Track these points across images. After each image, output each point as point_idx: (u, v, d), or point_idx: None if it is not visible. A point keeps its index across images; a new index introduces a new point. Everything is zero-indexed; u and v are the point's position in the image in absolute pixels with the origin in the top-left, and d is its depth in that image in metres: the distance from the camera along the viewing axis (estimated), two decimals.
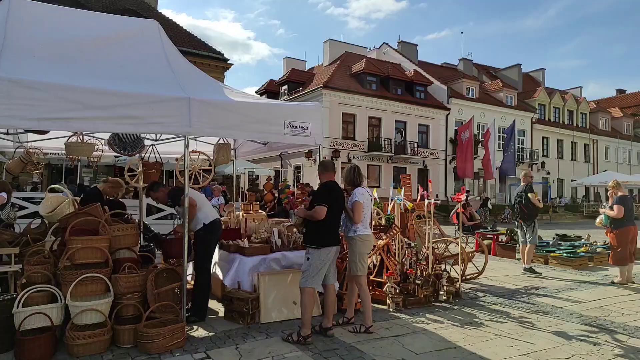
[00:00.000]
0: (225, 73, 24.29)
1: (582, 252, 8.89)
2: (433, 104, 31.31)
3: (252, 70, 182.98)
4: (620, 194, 7.09)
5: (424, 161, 30.46)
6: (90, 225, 4.25)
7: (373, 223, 7.08)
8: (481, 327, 4.61)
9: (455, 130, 31.48)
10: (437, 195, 28.68)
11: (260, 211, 6.64)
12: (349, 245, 4.47)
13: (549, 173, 35.90)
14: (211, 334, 4.27)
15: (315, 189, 5.08)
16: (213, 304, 5.15)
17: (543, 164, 35.68)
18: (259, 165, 24.11)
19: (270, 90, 34.05)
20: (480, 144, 29.50)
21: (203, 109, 4.15)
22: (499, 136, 31.93)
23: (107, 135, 6.08)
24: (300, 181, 25.34)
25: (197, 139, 6.36)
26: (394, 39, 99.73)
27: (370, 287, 5.74)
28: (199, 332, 4.31)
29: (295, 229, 5.39)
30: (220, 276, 5.16)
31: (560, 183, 36.50)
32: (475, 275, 7.18)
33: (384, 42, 36.96)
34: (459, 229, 6.71)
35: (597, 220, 7.48)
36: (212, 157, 5.89)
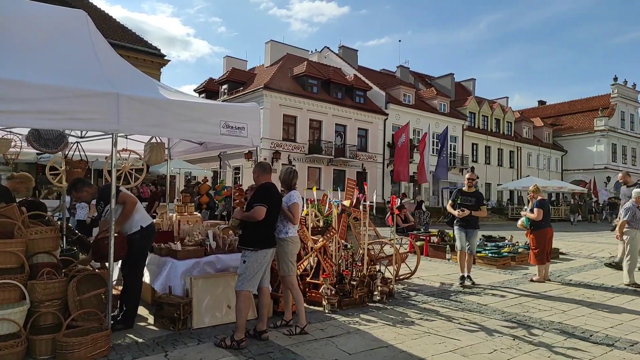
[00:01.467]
0: (161, 69, 23.46)
1: (506, 252, 9.48)
2: (372, 108, 32.10)
3: (191, 68, 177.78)
4: (539, 197, 7.64)
5: (362, 164, 31.12)
6: (5, 228, 3.91)
7: (311, 225, 7.15)
8: (412, 326, 4.77)
9: (392, 134, 32.49)
10: (374, 197, 29.47)
11: (195, 213, 6.45)
12: (280, 247, 4.46)
13: (477, 177, 37.99)
14: (139, 341, 4.07)
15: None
16: (142, 310, 4.92)
17: (472, 168, 37.67)
18: (197, 165, 23.48)
19: (209, 89, 33.28)
20: (415, 149, 30.69)
21: (133, 105, 3.95)
22: (433, 141, 33.35)
23: (26, 131, 5.63)
24: (239, 182, 24.98)
25: (129, 136, 6.06)
26: (335, 43, 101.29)
27: (307, 289, 5.78)
28: (126, 340, 4.10)
29: (231, 231, 5.29)
30: (150, 281, 4.95)
31: (487, 187, 38.73)
32: (408, 275, 7.43)
33: (325, 46, 37.41)
34: (394, 231, 6.92)
35: (519, 222, 8.01)
36: (144, 156, 5.64)
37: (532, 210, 7.54)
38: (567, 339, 4.46)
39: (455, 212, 6.94)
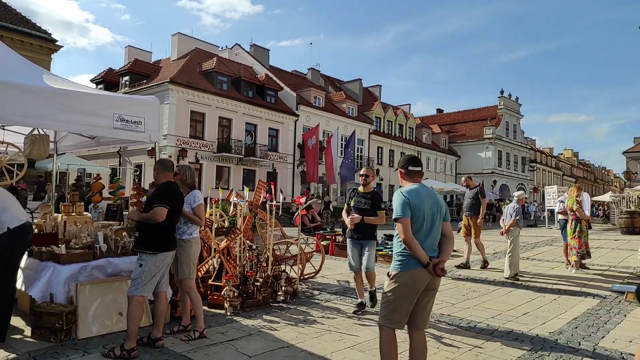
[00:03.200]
0: (52, 56, 21.37)
1: None
2: (283, 109, 32.18)
3: (89, 57, 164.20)
4: None
5: (273, 164, 31.07)
6: None
7: (216, 226, 6.93)
8: (314, 324, 4.83)
9: (303, 136, 32.88)
10: (284, 197, 29.56)
11: (84, 213, 5.93)
12: (182, 248, 4.27)
13: (382, 179, 39.86)
14: (10, 356, 3.63)
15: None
16: (18, 322, 4.40)
17: (378, 171, 39.48)
18: (92, 161, 21.70)
19: (108, 80, 30.99)
20: (325, 150, 31.36)
21: (8, 92, 3.52)
22: (341, 144, 34.33)
23: None
24: (139, 181, 23.53)
25: (6, 127, 5.41)
26: (247, 41, 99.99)
27: (209, 292, 5.60)
28: None
29: (125, 233, 4.94)
30: (26, 288, 4.43)
31: (391, 189, 40.78)
32: (312, 274, 7.53)
33: (236, 43, 36.75)
34: (301, 231, 6.97)
35: None
36: (24, 150, 5.06)
37: None
38: (454, 330, 4.81)
39: (347, 220, 5.40)
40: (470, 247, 8.94)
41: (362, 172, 5.52)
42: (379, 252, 9.72)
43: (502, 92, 51.09)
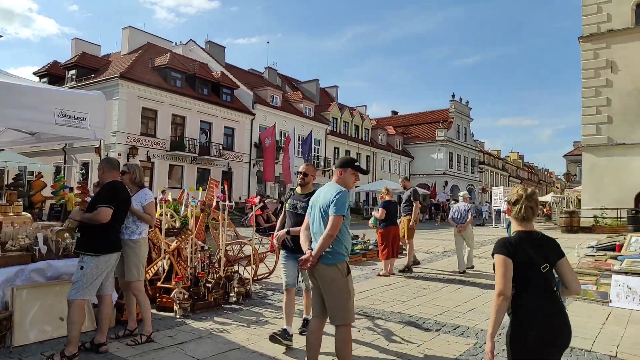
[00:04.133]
0: None
1: (358, 249, 10.16)
2: (239, 107, 31.76)
3: (33, 48, 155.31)
4: (387, 198, 8.36)
5: (228, 164, 30.59)
6: None
7: (166, 226, 6.75)
8: (266, 325, 4.80)
9: (259, 135, 32.60)
10: (240, 197, 29.19)
11: (23, 213, 5.60)
12: (130, 249, 4.13)
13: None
14: None
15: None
16: None
17: (333, 172, 39.76)
18: (34, 158, 20.52)
19: (53, 73, 29.43)
20: (281, 150, 31.24)
21: None
22: (298, 144, 34.32)
23: None
24: (82, 179, 22.51)
25: None
26: (203, 37, 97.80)
27: (157, 294, 5.44)
28: None
29: (67, 234, 4.71)
30: None
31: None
32: (266, 275, 7.48)
33: (190, 39, 35.90)
34: (256, 231, 6.90)
35: (369, 221, 8.67)
36: None
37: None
38: (404, 327, 4.92)
39: (281, 233, 4.27)
40: (411, 247, 9.02)
41: (300, 168, 4.36)
42: None
43: (453, 95, 52.83)
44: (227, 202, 6.24)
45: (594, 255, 9.77)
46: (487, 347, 2.41)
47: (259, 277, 7.31)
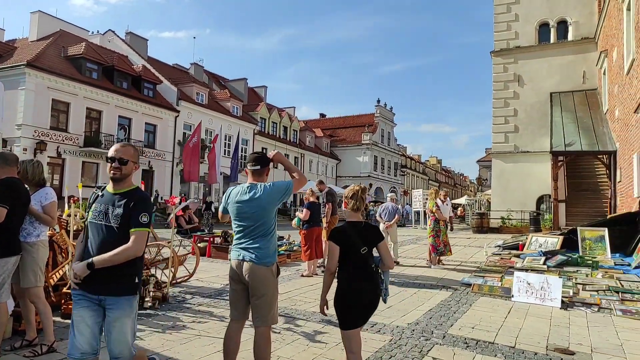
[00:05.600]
0: None
1: (282, 250, 10.16)
2: (162, 103, 30.45)
3: None
4: (311, 200, 8.44)
5: (149, 162, 29.20)
6: None
7: (75, 227, 6.29)
8: (183, 330, 4.63)
9: (183, 133, 31.49)
10: (161, 197, 27.95)
11: None
12: (27, 252, 3.79)
13: None
14: None
15: None
16: None
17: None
18: None
19: None
20: (207, 149, 30.38)
21: None
22: (225, 143, 33.65)
23: None
24: None
25: None
26: (124, 28, 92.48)
27: (63, 301, 5.04)
28: None
29: None
30: None
31: None
32: (186, 277, 7.23)
33: (109, 29, 33.82)
34: (177, 233, 6.64)
35: (293, 222, 8.70)
36: None
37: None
38: (324, 326, 4.99)
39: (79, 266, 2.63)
40: (326, 248, 9.31)
41: (111, 152, 2.72)
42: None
43: (378, 101, 54.76)
44: None
45: (500, 254, 10.60)
46: (320, 305, 3.20)
47: (178, 281, 7.04)
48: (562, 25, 21.62)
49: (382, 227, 9.84)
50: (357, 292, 3.03)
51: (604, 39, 17.58)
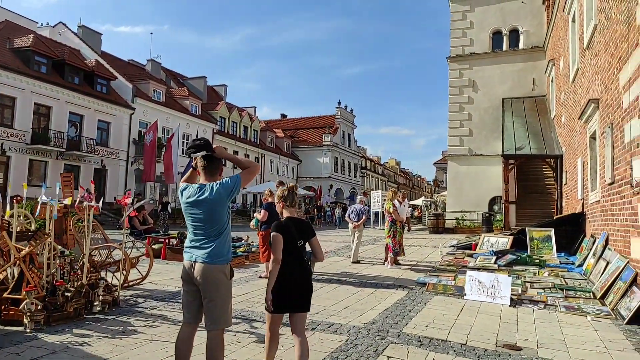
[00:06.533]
0: None
1: (240, 252, 10.02)
2: (116, 100, 29.38)
3: None
4: (269, 200, 8.36)
5: (102, 160, 28.11)
6: None
7: (19, 228, 5.98)
8: (134, 335, 4.48)
9: (139, 131, 30.55)
10: (114, 197, 26.96)
11: None
12: None
13: None
14: None
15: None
16: None
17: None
18: None
19: None
20: (164, 148, 29.60)
21: None
22: (183, 142, 32.87)
23: None
24: None
25: None
26: (76, 21, 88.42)
27: (3, 307, 4.76)
28: None
29: None
30: None
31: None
32: (138, 280, 7.00)
33: (60, 22, 32.32)
34: (130, 234, 6.41)
35: (251, 223, 8.60)
36: None
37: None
38: (281, 328, 4.95)
39: None
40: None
41: None
42: None
43: (339, 103, 55.19)
44: (93, 203, 5.69)
45: (454, 254, 10.92)
46: (266, 296, 3.32)
47: (130, 284, 6.80)
48: (514, 34, 22.57)
49: (350, 226, 10.47)
50: (294, 282, 3.30)
51: (552, 49, 18.48)
